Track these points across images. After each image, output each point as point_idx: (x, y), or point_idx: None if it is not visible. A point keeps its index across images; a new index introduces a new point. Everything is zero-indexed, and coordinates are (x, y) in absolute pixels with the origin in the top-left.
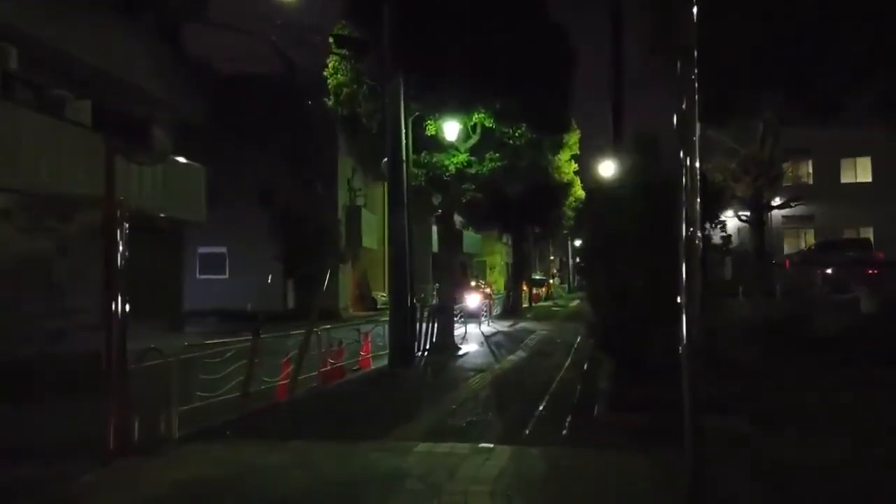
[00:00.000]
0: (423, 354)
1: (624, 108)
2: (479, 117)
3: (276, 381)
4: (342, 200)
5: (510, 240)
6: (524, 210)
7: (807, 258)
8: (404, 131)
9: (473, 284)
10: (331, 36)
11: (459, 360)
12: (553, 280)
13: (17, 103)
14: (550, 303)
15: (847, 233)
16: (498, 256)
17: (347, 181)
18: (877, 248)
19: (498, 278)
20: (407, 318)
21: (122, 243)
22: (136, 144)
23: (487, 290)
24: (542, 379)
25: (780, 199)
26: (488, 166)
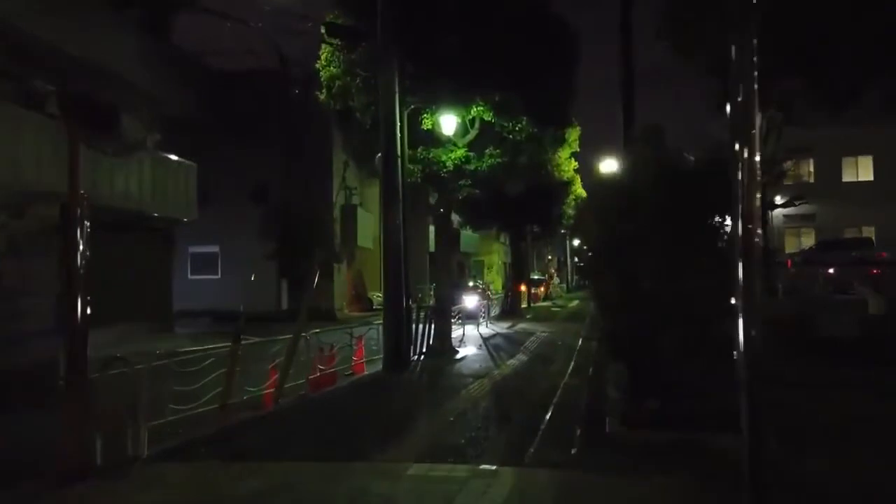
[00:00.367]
0: (420, 358)
1: (635, 99)
2: (477, 111)
3: (260, 389)
4: (337, 199)
5: (508, 239)
6: (524, 208)
7: (809, 258)
8: (399, 125)
9: (472, 284)
10: (322, 25)
11: (457, 365)
12: (552, 280)
13: None
14: (550, 303)
15: (849, 232)
16: (496, 256)
17: (343, 179)
18: (878, 248)
19: (496, 278)
20: (402, 320)
21: (83, 241)
22: (102, 133)
23: (486, 291)
24: (545, 386)
25: (783, 198)
26: (488, 162)
